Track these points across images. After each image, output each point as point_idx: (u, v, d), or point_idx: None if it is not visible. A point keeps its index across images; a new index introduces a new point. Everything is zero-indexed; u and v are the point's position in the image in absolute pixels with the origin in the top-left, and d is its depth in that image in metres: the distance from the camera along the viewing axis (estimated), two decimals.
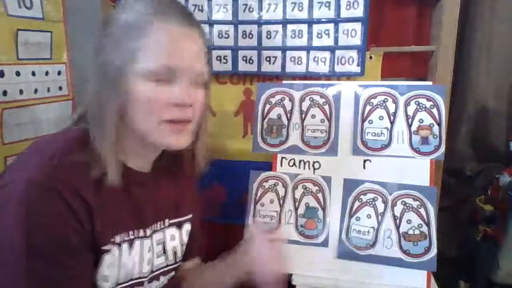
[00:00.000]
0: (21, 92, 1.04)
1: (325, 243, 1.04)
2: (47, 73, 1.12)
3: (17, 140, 1.03)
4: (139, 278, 0.74)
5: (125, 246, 0.70)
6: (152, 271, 0.77)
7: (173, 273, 0.84)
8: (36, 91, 1.08)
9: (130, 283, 0.72)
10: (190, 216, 0.86)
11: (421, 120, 1.04)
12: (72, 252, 0.61)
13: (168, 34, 0.63)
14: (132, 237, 0.71)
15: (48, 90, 1.13)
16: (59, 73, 1.17)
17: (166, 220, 0.80)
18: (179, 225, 0.83)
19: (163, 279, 0.81)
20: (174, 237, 0.82)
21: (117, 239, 0.68)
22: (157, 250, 0.78)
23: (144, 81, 0.63)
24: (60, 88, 1.18)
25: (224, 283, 0.81)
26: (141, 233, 0.73)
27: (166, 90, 0.64)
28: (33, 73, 1.07)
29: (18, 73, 1.02)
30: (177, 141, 0.68)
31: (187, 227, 0.85)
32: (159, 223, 0.78)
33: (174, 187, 0.83)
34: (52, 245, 0.59)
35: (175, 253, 0.82)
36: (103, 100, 0.64)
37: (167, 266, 0.81)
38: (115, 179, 0.65)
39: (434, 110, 1.04)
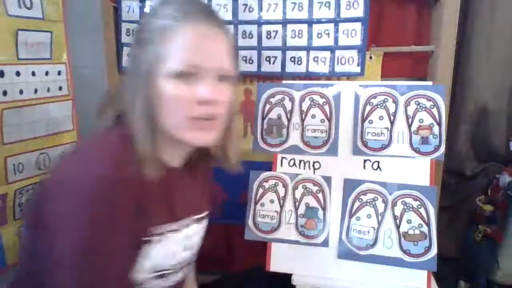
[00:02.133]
0: (21, 92, 1.04)
1: (325, 243, 1.04)
2: (47, 73, 1.12)
3: (17, 140, 1.03)
4: (164, 270, 0.76)
5: (157, 239, 0.72)
6: (177, 265, 0.79)
7: (190, 264, 0.86)
8: (36, 91, 1.08)
9: (155, 274, 0.74)
10: (208, 212, 0.88)
11: (421, 120, 1.04)
12: (125, 239, 0.65)
13: (192, 34, 0.66)
14: (164, 230, 0.73)
15: (48, 90, 1.13)
16: (59, 73, 1.17)
17: (193, 216, 0.82)
18: (200, 221, 0.85)
19: (181, 273, 0.83)
20: (197, 232, 0.84)
21: (152, 231, 0.71)
22: (184, 244, 0.80)
23: (170, 80, 0.66)
24: (60, 88, 1.17)
25: None
26: (174, 226, 0.75)
27: (190, 88, 0.67)
28: (33, 73, 1.07)
29: (18, 73, 1.02)
30: (203, 138, 0.70)
31: (205, 222, 0.87)
32: (187, 218, 0.80)
33: (199, 184, 0.86)
34: (112, 232, 0.62)
35: (196, 248, 0.85)
36: (136, 102, 0.68)
37: (189, 260, 0.83)
38: (155, 175, 0.67)
39: (434, 110, 1.04)
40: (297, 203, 1.08)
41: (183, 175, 0.80)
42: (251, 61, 1.29)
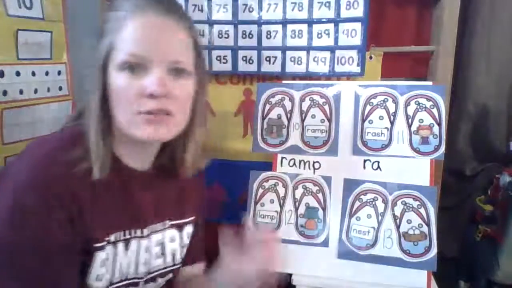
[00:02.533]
0: (21, 92, 1.04)
1: (325, 243, 1.04)
2: (47, 73, 1.12)
3: (17, 140, 1.03)
4: (135, 278, 0.73)
5: (120, 245, 0.69)
6: (149, 272, 0.76)
7: (171, 275, 0.82)
8: (36, 91, 1.08)
9: (124, 283, 0.71)
10: (193, 218, 0.84)
11: (421, 120, 1.04)
12: (61, 252, 0.61)
13: (141, 24, 0.63)
14: (128, 236, 0.70)
15: (48, 90, 1.13)
16: (59, 73, 1.17)
17: (167, 221, 0.79)
18: (180, 227, 0.82)
19: (161, 281, 0.80)
20: (174, 239, 0.81)
21: (112, 238, 0.68)
22: (155, 251, 0.77)
23: (119, 72, 0.63)
24: (60, 88, 1.17)
25: None
26: (139, 233, 0.72)
27: (139, 81, 0.63)
28: (33, 73, 1.07)
29: (18, 73, 1.02)
30: (154, 133, 0.65)
31: (188, 229, 0.84)
32: (159, 223, 0.77)
33: (178, 187, 0.82)
34: (41, 245, 0.59)
35: (173, 255, 0.81)
36: (90, 95, 0.65)
37: (165, 268, 0.80)
38: (101, 174, 0.64)
39: (434, 110, 1.04)
40: (297, 203, 1.08)
41: (151, 179, 0.75)
42: (251, 61, 1.29)
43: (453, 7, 1.20)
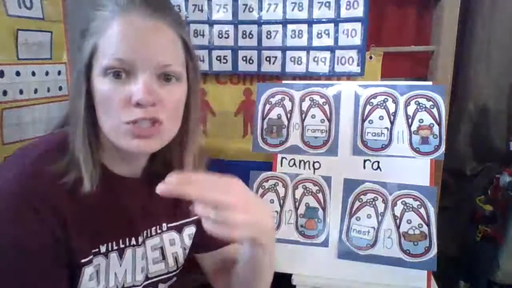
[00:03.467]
0: (21, 92, 1.04)
1: (325, 243, 1.04)
2: (47, 73, 1.12)
3: (17, 140, 1.03)
4: (133, 286, 0.71)
5: (113, 255, 0.67)
6: (148, 278, 0.74)
7: (174, 279, 0.80)
8: (36, 91, 1.08)
9: None
10: (194, 218, 0.81)
11: (421, 120, 1.04)
12: (43, 268, 0.58)
13: (124, 27, 0.58)
14: (122, 246, 0.68)
15: (48, 90, 1.13)
16: (59, 73, 1.17)
17: (164, 225, 0.76)
18: (179, 229, 0.79)
19: (163, 286, 0.78)
20: (174, 241, 0.78)
21: (103, 249, 0.65)
22: (154, 256, 0.75)
23: (102, 79, 0.58)
24: (60, 88, 1.17)
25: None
26: (133, 241, 0.70)
27: (126, 88, 0.58)
28: (33, 73, 1.07)
29: (18, 73, 1.02)
30: (142, 146, 0.60)
31: (189, 230, 0.81)
32: (153, 228, 0.75)
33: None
34: (21, 260, 0.56)
35: (176, 258, 0.78)
36: (75, 101, 0.61)
37: (168, 273, 0.78)
38: (91, 185, 0.60)
39: (434, 110, 1.04)
40: (297, 203, 1.08)
41: (141, 185, 0.71)
42: (251, 61, 1.29)
43: (453, 7, 1.20)
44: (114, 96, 0.58)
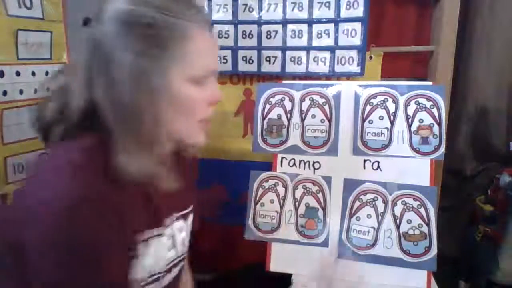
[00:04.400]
0: (21, 92, 1.04)
1: (325, 243, 1.04)
2: (47, 73, 1.12)
3: (17, 140, 1.03)
4: (158, 273, 0.75)
5: (143, 245, 0.70)
6: (168, 265, 0.79)
7: (183, 263, 0.85)
8: (36, 91, 1.08)
9: (150, 279, 0.72)
10: (192, 206, 0.87)
11: (421, 120, 1.04)
12: (111, 258, 0.61)
13: (213, 41, 0.69)
14: (150, 235, 0.72)
15: (48, 90, 1.13)
16: None
17: (174, 214, 0.81)
18: (185, 217, 0.84)
19: (175, 270, 0.82)
20: (182, 229, 0.83)
21: (139, 239, 0.69)
22: (168, 244, 0.78)
23: (189, 84, 0.65)
24: None
25: None
26: (156, 231, 0.74)
27: (205, 91, 0.67)
28: (33, 73, 1.07)
29: (18, 73, 1.02)
30: (205, 138, 0.71)
31: (191, 217, 0.86)
32: (169, 218, 0.79)
33: (178, 181, 0.83)
34: (93, 254, 0.59)
35: (183, 243, 0.84)
36: (142, 108, 0.61)
37: (178, 257, 0.82)
38: (136, 185, 0.64)
39: (434, 110, 1.04)
40: (297, 203, 1.08)
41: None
42: (251, 61, 1.29)
43: (453, 7, 1.20)
44: (198, 98, 0.66)
